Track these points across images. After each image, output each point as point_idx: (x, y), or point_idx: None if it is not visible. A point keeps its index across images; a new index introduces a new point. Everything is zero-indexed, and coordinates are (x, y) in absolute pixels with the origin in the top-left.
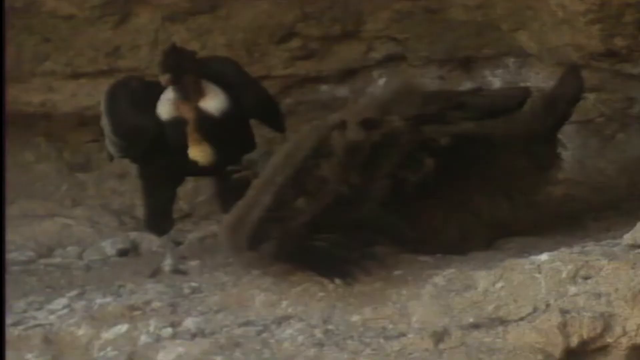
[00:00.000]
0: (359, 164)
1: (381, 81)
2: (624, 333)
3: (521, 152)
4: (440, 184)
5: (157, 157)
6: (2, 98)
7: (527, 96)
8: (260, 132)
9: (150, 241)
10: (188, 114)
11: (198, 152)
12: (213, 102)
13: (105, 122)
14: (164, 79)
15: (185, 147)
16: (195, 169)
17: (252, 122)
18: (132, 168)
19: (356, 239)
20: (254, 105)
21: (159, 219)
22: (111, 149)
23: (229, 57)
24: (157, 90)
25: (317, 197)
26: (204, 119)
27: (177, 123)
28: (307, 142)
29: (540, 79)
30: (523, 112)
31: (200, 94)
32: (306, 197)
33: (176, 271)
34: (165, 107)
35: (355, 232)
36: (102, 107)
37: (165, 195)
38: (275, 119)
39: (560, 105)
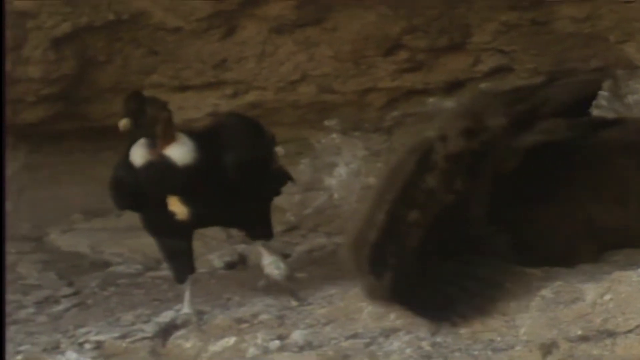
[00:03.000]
0: (461, 173)
1: None
2: None
3: (636, 158)
4: (548, 192)
5: (147, 209)
6: (2, 99)
7: (603, 80)
8: None
9: (258, 254)
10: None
11: (173, 204)
12: (177, 151)
13: None
14: (121, 124)
15: (163, 198)
16: (183, 224)
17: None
18: None
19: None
20: (230, 166)
21: (174, 266)
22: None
23: (253, 118)
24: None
25: (427, 209)
26: (167, 167)
27: (149, 170)
28: (411, 156)
29: None
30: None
31: (169, 142)
32: (417, 210)
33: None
34: (137, 154)
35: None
36: None
37: (172, 244)
38: (253, 208)
39: None
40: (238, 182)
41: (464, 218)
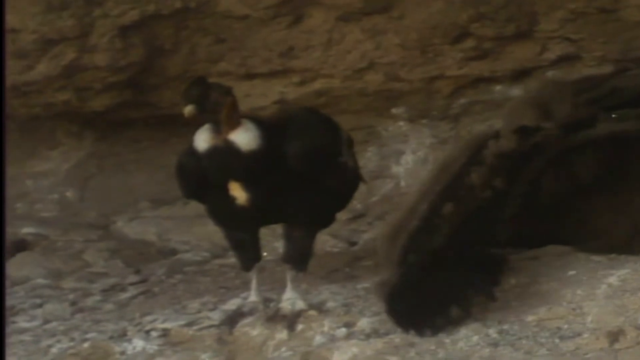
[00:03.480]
0: (505, 171)
1: None
2: None
3: None
4: (612, 181)
5: (211, 196)
6: (2, 98)
7: None
8: None
9: (324, 242)
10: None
11: (234, 189)
12: (242, 137)
13: None
14: (186, 110)
15: (226, 183)
16: (244, 211)
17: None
18: None
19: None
20: (293, 155)
21: (240, 254)
22: None
23: (326, 115)
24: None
25: (463, 203)
26: (230, 151)
27: (212, 154)
28: (465, 151)
29: None
30: None
31: (233, 127)
32: (454, 203)
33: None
34: (201, 139)
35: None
36: None
37: (236, 233)
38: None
39: None
40: (301, 172)
41: (495, 218)
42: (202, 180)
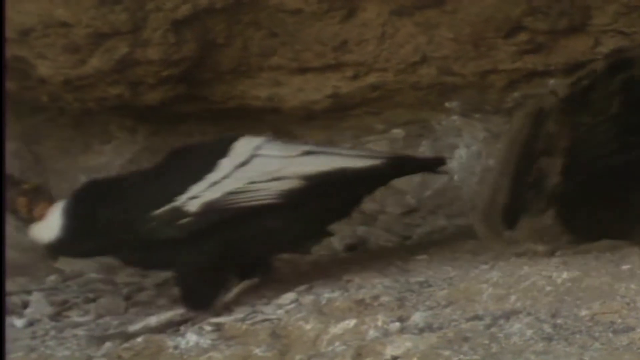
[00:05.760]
0: (579, 109)
1: None
2: None
3: None
4: None
5: None
6: (2, 98)
7: None
8: None
9: (378, 236)
10: None
11: None
12: (40, 230)
13: None
14: None
15: None
16: None
17: None
18: None
19: None
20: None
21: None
22: None
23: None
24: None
25: (554, 150)
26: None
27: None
28: (526, 120)
29: None
30: None
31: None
32: (544, 155)
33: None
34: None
35: None
36: None
37: None
38: None
39: None
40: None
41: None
42: None
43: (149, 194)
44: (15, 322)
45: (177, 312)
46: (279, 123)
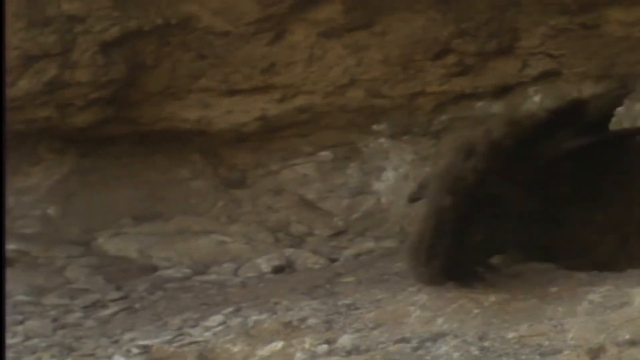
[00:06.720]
0: (502, 157)
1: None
2: None
3: None
4: (604, 194)
5: None
6: (2, 98)
7: None
8: None
9: (306, 258)
10: None
11: None
12: None
13: None
14: None
15: None
16: None
17: None
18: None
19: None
20: None
21: None
22: None
23: None
24: None
25: (460, 194)
26: None
27: None
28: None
29: None
30: None
31: None
32: (451, 196)
33: None
34: None
35: None
36: None
37: None
38: None
39: None
40: None
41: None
42: None
43: None
44: None
45: None
46: (207, 145)
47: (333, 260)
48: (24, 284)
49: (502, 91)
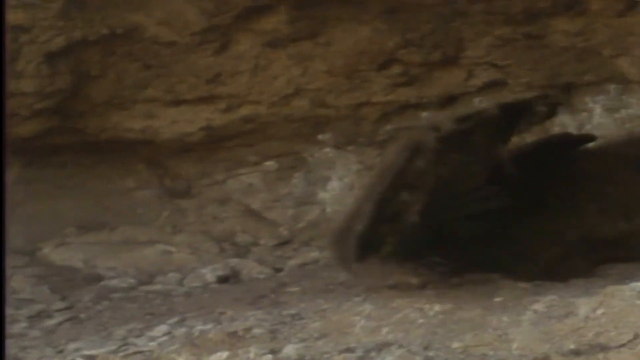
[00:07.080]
0: (454, 149)
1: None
2: None
3: None
4: (550, 203)
5: None
6: (2, 98)
7: None
8: None
9: (251, 268)
10: None
11: None
12: None
13: None
14: None
15: None
16: None
17: None
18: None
19: None
20: None
21: None
22: None
23: None
24: None
25: (419, 186)
26: None
27: None
28: (402, 152)
29: None
30: None
31: None
32: (408, 189)
33: None
34: None
35: None
36: None
37: None
38: None
39: None
40: None
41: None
42: None
43: None
44: None
45: None
46: (152, 155)
47: (278, 270)
48: None
49: (448, 101)
